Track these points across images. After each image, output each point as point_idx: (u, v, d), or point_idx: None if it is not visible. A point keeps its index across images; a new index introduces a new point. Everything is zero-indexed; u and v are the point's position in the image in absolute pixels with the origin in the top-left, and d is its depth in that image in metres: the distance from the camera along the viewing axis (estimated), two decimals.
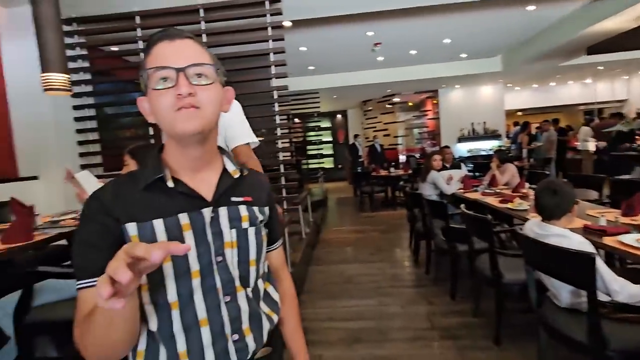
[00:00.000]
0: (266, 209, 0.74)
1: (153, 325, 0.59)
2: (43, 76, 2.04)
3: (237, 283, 0.64)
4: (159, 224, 0.58)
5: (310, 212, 5.10)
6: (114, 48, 3.57)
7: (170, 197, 0.61)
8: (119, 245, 0.43)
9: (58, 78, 2.01)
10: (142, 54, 3.23)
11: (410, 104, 11.33)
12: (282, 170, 3.25)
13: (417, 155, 9.73)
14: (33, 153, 3.23)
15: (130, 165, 1.52)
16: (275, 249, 0.82)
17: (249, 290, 0.67)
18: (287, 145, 3.06)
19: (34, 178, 3.20)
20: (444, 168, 3.92)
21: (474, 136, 9.41)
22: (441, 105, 9.56)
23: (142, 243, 0.41)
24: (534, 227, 1.59)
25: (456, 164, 4.62)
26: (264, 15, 3.11)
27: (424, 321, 2.34)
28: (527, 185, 3.18)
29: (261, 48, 3.14)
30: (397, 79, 7.62)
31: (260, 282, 0.71)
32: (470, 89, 9.36)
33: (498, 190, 3.28)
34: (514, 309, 2.20)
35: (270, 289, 0.75)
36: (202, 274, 0.60)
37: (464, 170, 4.20)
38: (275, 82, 3.15)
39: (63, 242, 2.03)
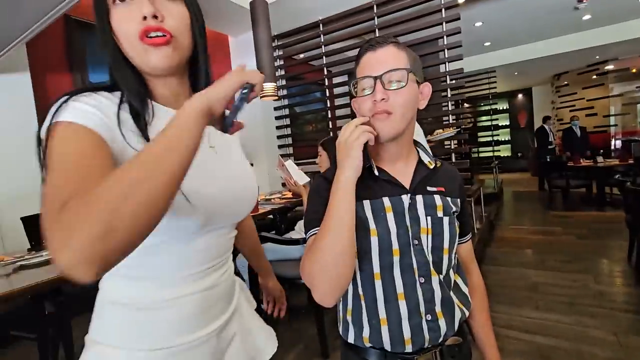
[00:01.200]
0: (458, 201, 0.76)
1: (361, 289, 0.71)
2: None
3: (431, 267, 0.69)
4: (367, 204, 0.69)
5: (483, 206, 4.62)
6: (302, 55, 4.20)
7: (376, 183, 0.71)
8: None
9: (269, 87, 2.56)
10: (324, 57, 3.69)
11: (633, 70, 8.41)
12: (452, 159, 3.08)
13: None
14: (250, 145, 4.25)
15: (323, 155, 1.80)
16: (465, 241, 0.82)
17: (442, 276, 0.70)
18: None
19: (250, 165, 4.22)
20: None
21: None
22: None
23: None
24: None
25: None
26: None
27: None
28: None
29: (433, 33, 3.02)
30: (614, 40, 5.80)
31: (451, 272, 0.73)
32: None
33: None
34: None
35: (460, 281, 0.76)
36: (401, 252, 0.67)
37: None
38: (448, 66, 2.98)
39: (270, 216, 2.62)
